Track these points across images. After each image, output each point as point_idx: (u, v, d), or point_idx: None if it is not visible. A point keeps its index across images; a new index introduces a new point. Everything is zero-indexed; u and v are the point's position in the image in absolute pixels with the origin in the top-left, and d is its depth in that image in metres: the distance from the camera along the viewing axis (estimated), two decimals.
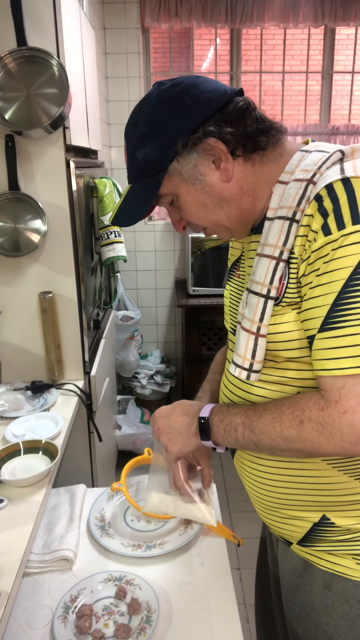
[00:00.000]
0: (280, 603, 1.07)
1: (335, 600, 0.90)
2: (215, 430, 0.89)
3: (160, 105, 0.83)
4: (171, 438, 0.95)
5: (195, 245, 2.94)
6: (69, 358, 1.76)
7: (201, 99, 0.82)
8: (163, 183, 0.85)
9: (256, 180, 0.85)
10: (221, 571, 1.08)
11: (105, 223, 2.05)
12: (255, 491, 0.96)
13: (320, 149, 0.82)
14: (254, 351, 0.84)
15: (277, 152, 0.86)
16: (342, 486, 0.86)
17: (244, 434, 0.84)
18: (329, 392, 0.74)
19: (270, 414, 0.80)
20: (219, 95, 0.83)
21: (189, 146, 0.82)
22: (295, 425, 0.77)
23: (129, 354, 3.08)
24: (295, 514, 0.91)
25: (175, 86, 0.83)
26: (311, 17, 3.05)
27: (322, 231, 0.73)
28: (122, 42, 3.07)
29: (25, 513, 1.11)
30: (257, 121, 0.84)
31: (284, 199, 0.81)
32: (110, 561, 1.12)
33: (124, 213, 0.90)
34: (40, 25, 1.46)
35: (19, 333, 1.72)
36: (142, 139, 0.85)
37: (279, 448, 0.80)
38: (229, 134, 0.81)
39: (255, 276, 0.83)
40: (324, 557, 0.91)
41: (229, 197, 0.85)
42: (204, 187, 0.84)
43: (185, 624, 0.97)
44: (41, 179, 1.58)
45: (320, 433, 0.74)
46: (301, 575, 0.95)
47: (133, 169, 0.88)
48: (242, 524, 2.41)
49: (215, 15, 3.02)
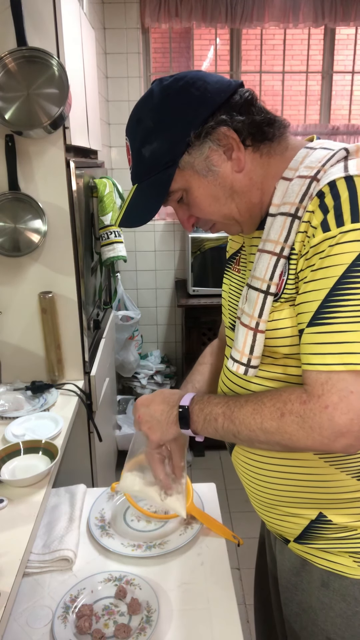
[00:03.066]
0: (279, 602, 1.07)
1: (333, 598, 0.90)
2: (195, 420, 0.88)
3: (166, 100, 0.82)
4: (151, 426, 0.95)
5: (195, 245, 2.94)
6: (69, 358, 1.76)
7: (209, 90, 0.81)
8: (174, 178, 0.84)
9: (264, 172, 0.85)
10: (221, 571, 1.08)
11: (106, 223, 2.05)
12: (252, 488, 0.97)
13: (324, 147, 0.83)
14: (252, 347, 0.84)
15: (283, 146, 0.86)
16: (338, 484, 0.86)
17: (224, 424, 0.83)
18: (313, 386, 0.74)
19: (252, 406, 0.80)
20: (225, 87, 0.83)
21: (202, 136, 0.81)
22: (275, 418, 0.77)
23: (129, 354, 3.08)
24: (292, 510, 0.91)
25: (178, 80, 0.83)
26: (311, 17, 3.05)
27: (321, 227, 0.74)
28: (122, 42, 3.07)
29: (25, 513, 1.11)
30: (263, 112, 0.85)
31: (287, 195, 0.81)
32: (110, 561, 1.12)
33: (132, 214, 0.88)
34: (40, 25, 1.46)
35: (19, 333, 1.72)
36: (149, 135, 0.83)
37: (257, 440, 0.80)
38: (240, 123, 0.81)
39: (255, 272, 0.84)
40: (321, 555, 0.91)
41: (239, 188, 0.85)
42: (217, 178, 0.84)
43: (185, 624, 0.97)
44: (41, 179, 1.58)
45: (300, 426, 0.74)
46: (298, 573, 0.95)
47: (140, 168, 0.87)
48: (242, 524, 2.41)
49: (215, 15, 3.02)
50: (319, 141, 0.86)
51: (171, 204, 0.90)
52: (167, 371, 3.40)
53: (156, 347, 3.60)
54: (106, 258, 2.10)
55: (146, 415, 0.96)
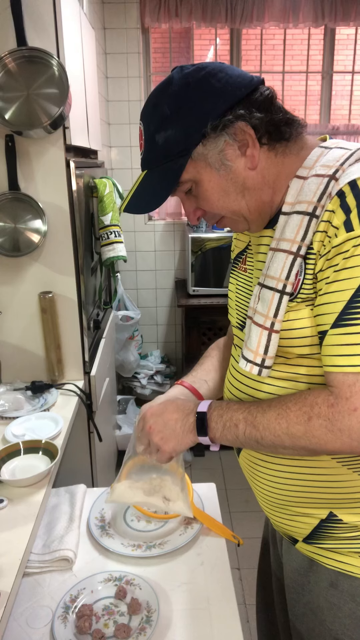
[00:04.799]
0: (283, 603, 1.07)
1: (341, 599, 0.89)
2: (214, 427, 0.86)
3: (185, 88, 0.80)
4: (164, 436, 0.92)
5: (195, 245, 2.94)
6: (69, 358, 1.76)
7: (230, 83, 0.80)
8: (186, 168, 0.82)
9: (277, 172, 0.84)
10: (221, 571, 1.08)
11: (106, 223, 2.05)
12: (262, 489, 0.96)
13: (340, 146, 0.82)
14: (267, 347, 0.82)
15: (299, 145, 0.85)
16: (350, 484, 0.85)
17: (246, 430, 0.82)
18: (340, 388, 0.73)
19: (276, 410, 0.79)
20: (246, 82, 0.81)
21: (218, 129, 0.79)
22: (302, 422, 0.75)
23: (129, 354, 3.08)
24: (303, 510, 0.90)
25: (200, 70, 0.81)
26: (311, 17, 3.05)
27: (344, 227, 0.73)
28: (122, 42, 3.07)
29: (25, 513, 1.11)
30: (282, 111, 0.84)
31: (302, 193, 0.80)
32: (110, 561, 1.12)
33: (139, 200, 0.87)
34: (40, 25, 1.46)
35: (19, 333, 1.72)
36: (165, 121, 0.81)
37: (282, 445, 0.79)
38: (258, 120, 0.80)
39: (270, 271, 0.82)
40: (330, 556, 0.90)
41: (251, 186, 0.84)
42: (229, 173, 0.82)
43: (185, 624, 0.97)
44: (41, 179, 1.58)
45: (328, 430, 0.73)
46: (306, 573, 0.95)
47: (151, 154, 0.85)
48: (242, 524, 2.41)
49: (215, 15, 3.02)
50: (333, 140, 0.86)
51: (179, 194, 0.88)
52: (167, 371, 3.40)
53: (156, 347, 3.60)
54: (106, 258, 2.10)
55: (158, 425, 0.93)
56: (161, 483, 1.06)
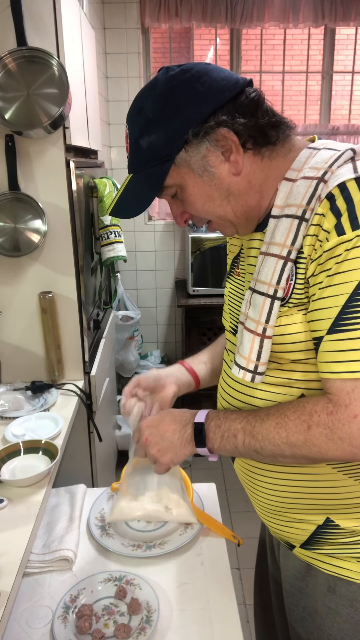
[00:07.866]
0: (280, 605, 1.06)
1: (340, 604, 0.88)
2: (212, 437, 0.84)
3: (169, 91, 0.79)
4: (161, 448, 0.90)
5: (195, 245, 2.94)
6: (69, 358, 1.76)
7: (214, 87, 0.78)
8: (169, 173, 0.81)
9: (264, 175, 0.83)
10: (221, 571, 1.08)
11: (106, 223, 2.05)
12: (258, 495, 0.95)
13: (329, 147, 0.80)
14: (259, 353, 0.81)
15: (287, 147, 0.83)
16: (346, 489, 0.84)
17: (245, 440, 0.81)
18: (338, 395, 0.72)
19: (274, 419, 0.78)
20: (231, 85, 0.79)
21: (200, 135, 0.78)
22: (302, 431, 0.74)
23: (129, 354, 3.08)
24: (299, 517, 0.90)
25: (185, 72, 0.79)
26: (311, 17, 3.06)
27: (335, 231, 0.72)
28: (122, 42, 3.07)
29: (25, 513, 1.11)
30: (269, 114, 0.82)
31: (291, 196, 0.78)
32: (110, 561, 1.12)
33: (125, 204, 0.86)
34: (40, 25, 1.46)
35: (19, 333, 1.72)
36: (148, 126, 0.80)
37: (282, 455, 0.78)
38: (241, 125, 0.78)
39: (260, 276, 0.81)
40: (327, 561, 0.89)
41: (236, 191, 0.82)
42: (212, 179, 0.81)
43: (185, 624, 0.97)
44: (41, 179, 1.58)
45: (329, 438, 0.72)
46: (304, 578, 0.94)
47: (136, 158, 0.84)
48: (242, 524, 2.41)
49: (215, 15, 3.02)
50: (321, 141, 0.84)
51: (165, 197, 0.87)
52: None
53: (156, 347, 3.60)
54: (106, 258, 2.10)
55: (155, 436, 0.91)
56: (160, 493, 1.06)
